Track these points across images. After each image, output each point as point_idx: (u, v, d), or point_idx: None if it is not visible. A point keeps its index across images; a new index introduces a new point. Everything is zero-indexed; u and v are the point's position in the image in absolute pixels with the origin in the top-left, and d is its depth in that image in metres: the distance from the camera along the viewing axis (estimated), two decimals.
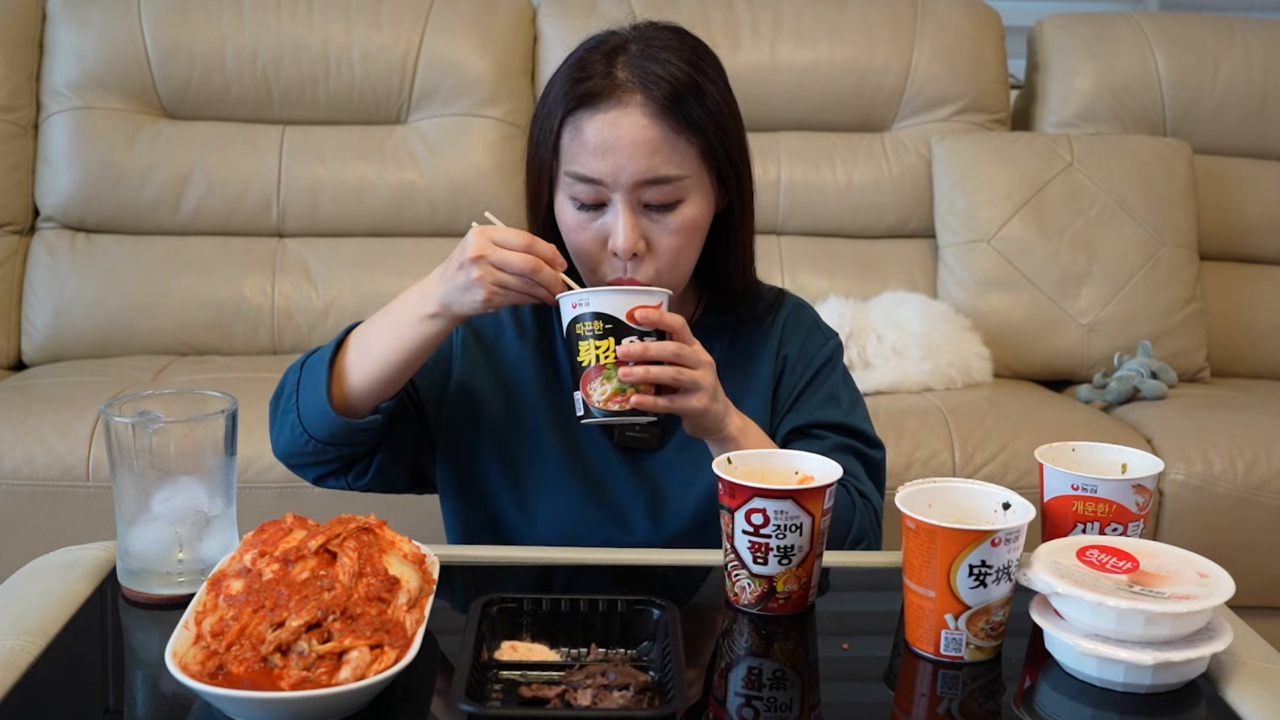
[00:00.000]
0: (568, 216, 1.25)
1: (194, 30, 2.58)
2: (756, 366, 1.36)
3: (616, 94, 1.20)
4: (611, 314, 1.12)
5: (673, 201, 1.22)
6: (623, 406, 1.12)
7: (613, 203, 1.22)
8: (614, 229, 1.21)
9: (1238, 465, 2.13)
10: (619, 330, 1.12)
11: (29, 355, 2.52)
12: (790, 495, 1.03)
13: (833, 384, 1.37)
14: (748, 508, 1.04)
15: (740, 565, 1.06)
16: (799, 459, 1.13)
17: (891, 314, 2.42)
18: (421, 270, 2.87)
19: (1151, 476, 1.11)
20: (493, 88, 2.66)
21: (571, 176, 1.22)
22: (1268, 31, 2.82)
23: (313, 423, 1.24)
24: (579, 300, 1.13)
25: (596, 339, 1.12)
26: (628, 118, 1.20)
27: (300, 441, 1.25)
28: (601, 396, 1.13)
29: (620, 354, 1.12)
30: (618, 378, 1.12)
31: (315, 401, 1.23)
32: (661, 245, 1.23)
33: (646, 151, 1.20)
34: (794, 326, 1.39)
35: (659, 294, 1.15)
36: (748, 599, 1.07)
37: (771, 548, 1.04)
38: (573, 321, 1.14)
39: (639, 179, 1.20)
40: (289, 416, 1.26)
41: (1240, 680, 0.96)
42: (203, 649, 0.88)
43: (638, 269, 1.23)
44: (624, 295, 1.13)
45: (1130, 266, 2.55)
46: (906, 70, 2.73)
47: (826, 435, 1.33)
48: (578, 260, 1.27)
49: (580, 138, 1.21)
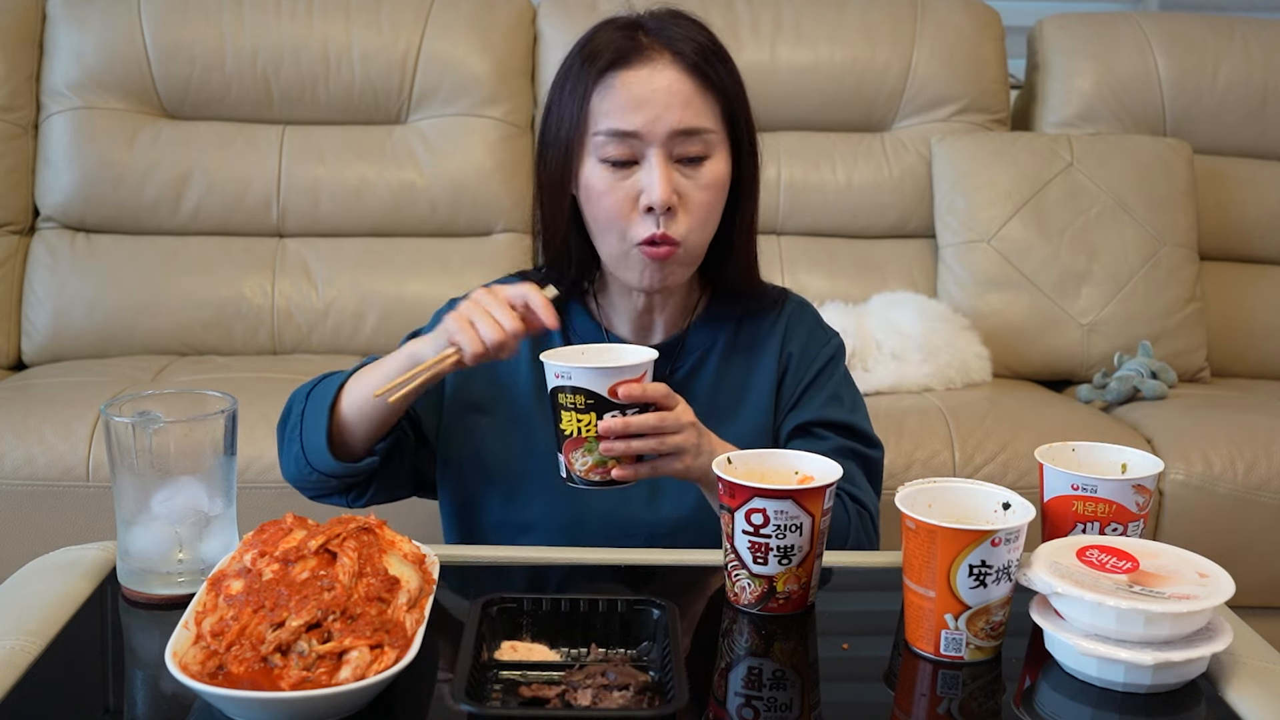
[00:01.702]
0: (596, 181, 1.26)
1: (194, 30, 2.58)
2: (760, 360, 1.37)
3: (645, 53, 1.25)
4: (593, 390, 1.12)
5: (702, 156, 1.25)
6: (604, 478, 1.14)
7: (646, 157, 1.24)
8: (648, 183, 1.23)
9: (1238, 465, 2.12)
10: (600, 405, 1.12)
11: (29, 355, 2.52)
12: (790, 495, 1.03)
13: (835, 383, 1.39)
14: (748, 508, 1.04)
15: (740, 565, 1.06)
16: (799, 459, 1.13)
17: (890, 315, 2.42)
18: (422, 270, 2.88)
19: (1151, 476, 1.11)
20: (493, 88, 2.66)
21: (604, 135, 1.24)
22: (1268, 31, 2.82)
23: (316, 460, 1.27)
24: (561, 372, 1.13)
25: (579, 412, 1.13)
26: (660, 72, 1.24)
27: (305, 473, 1.29)
28: (584, 467, 1.14)
29: (601, 430, 1.13)
30: (598, 451, 1.13)
31: (315, 442, 1.26)
32: (693, 200, 1.25)
33: (680, 103, 1.23)
34: (797, 324, 1.40)
35: (641, 365, 1.14)
36: (748, 599, 1.07)
37: (771, 548, 1.04)
38: (555, 389, 1.14)
39: (674, 129, 1.23)
40: (293, 447, 1.29)
41: (1240, 680, 0.96)
42: (203, 649, 0.88)
43: (670, 223, 1.24)
44: (606, 373, 1.12)
45: (1130, 266, 2.55)
46: (906, 70, 2.73)
47: (829, 436, 1.34)
48: (607, 226, 1.27)
49: (613, 95, 1.24)
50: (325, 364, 2.44)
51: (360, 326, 2.56)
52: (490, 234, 2.66)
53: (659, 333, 1.38)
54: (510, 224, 2.66)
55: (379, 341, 2.56)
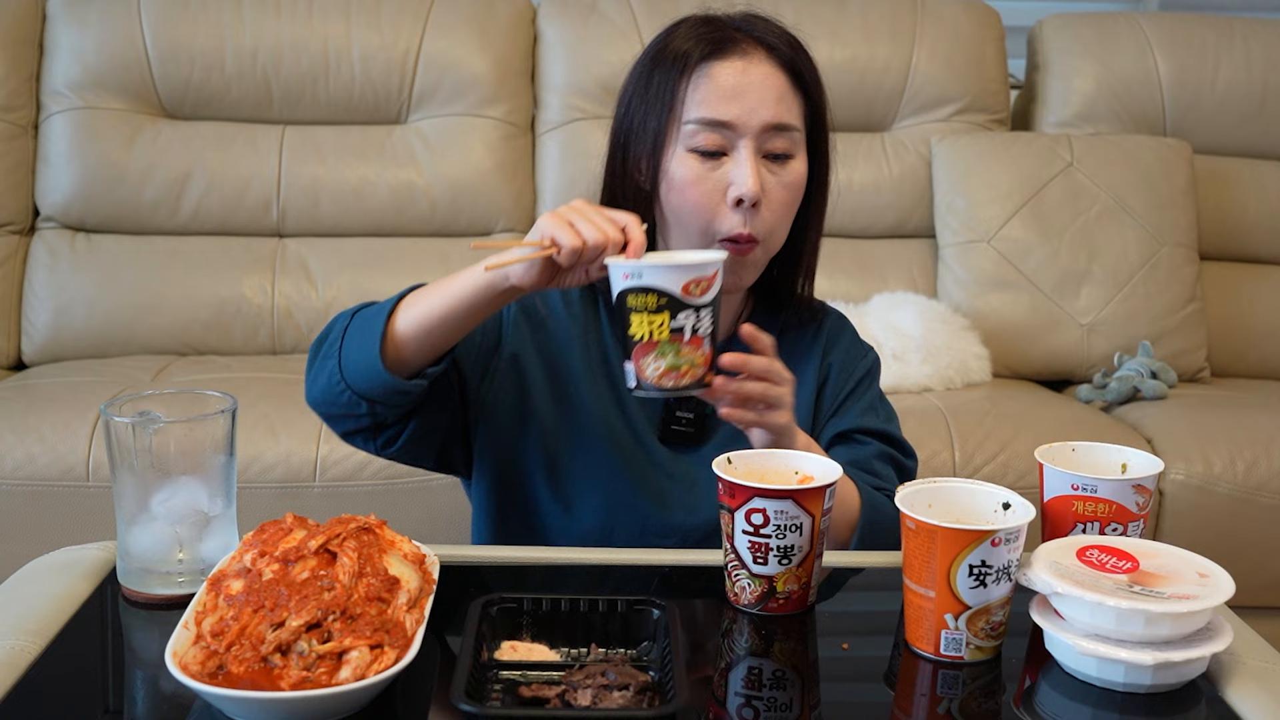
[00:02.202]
0: (685, 171, 1.25)
1: (194, 30, 2.58)
2: (803, 369, 1.37)
3: (740, 46, 1.25)
4: (666, 289, 1.05)
5: (789, 154, 1.26)
6: (675, 384, 1.07)
7: (738, 149, 1.23)
8: (737, 175, 1.23)
9: (1238, 465, 2.13)
10: (674, 305, 1.05)
11: (29, 355, 2.52)
12: (790, 495, 1.03)
13: (873, 394, 1.41)
14: (748, 508, 1.04)
15: (740, 565, 1.06)
16: (799, 459, 1.13)
17: (890, 316, 2.42)
18: (422, 270, 2.87)
19: (1151, 476, 1.11)
20: (493, 88, 2.66)
21: (697, 123, 1.24)
22: (1268, 31, 2.82)
23: (354, 374, 1.19)
24: (631, 271, 1.06)
25: (650, 313, 1.06)
26: (756, 65, 1.24)
27: (336, 390, 1.21)
28: (655, 373, 1.07)
29: (724, 363, 1.10)
30: (672, 354, 1.07)
31: (364, 353, 1.18)
32: (776, 197, 1.25)
33: (774, 97, 1.24)
34: (836, 336, 1.41)
35: (714, 263, 1.08)
36: (748, 599, 1.07)
37: (771, 548, 1.04)
38: (624, 292, 1.08)
39: (768, 123, 1.23)
40: (329, 363, 1.21)
41: (1240, 680, 0.96)
42: (203, 649, 0.88)
43: (754, 218, 1.24)
44: (679, 270, 1.06)
45: (1130, 266, 2.55)
46: (906, 70, 2.73)
47: (869, 441, 1.35)
48: (694, 216, 1.25)
49: (711, 83, 1.24)
50: None
51: None
52: (490, 234, 2.66)
53: None
54: (510, 224, 2.66)
55: None
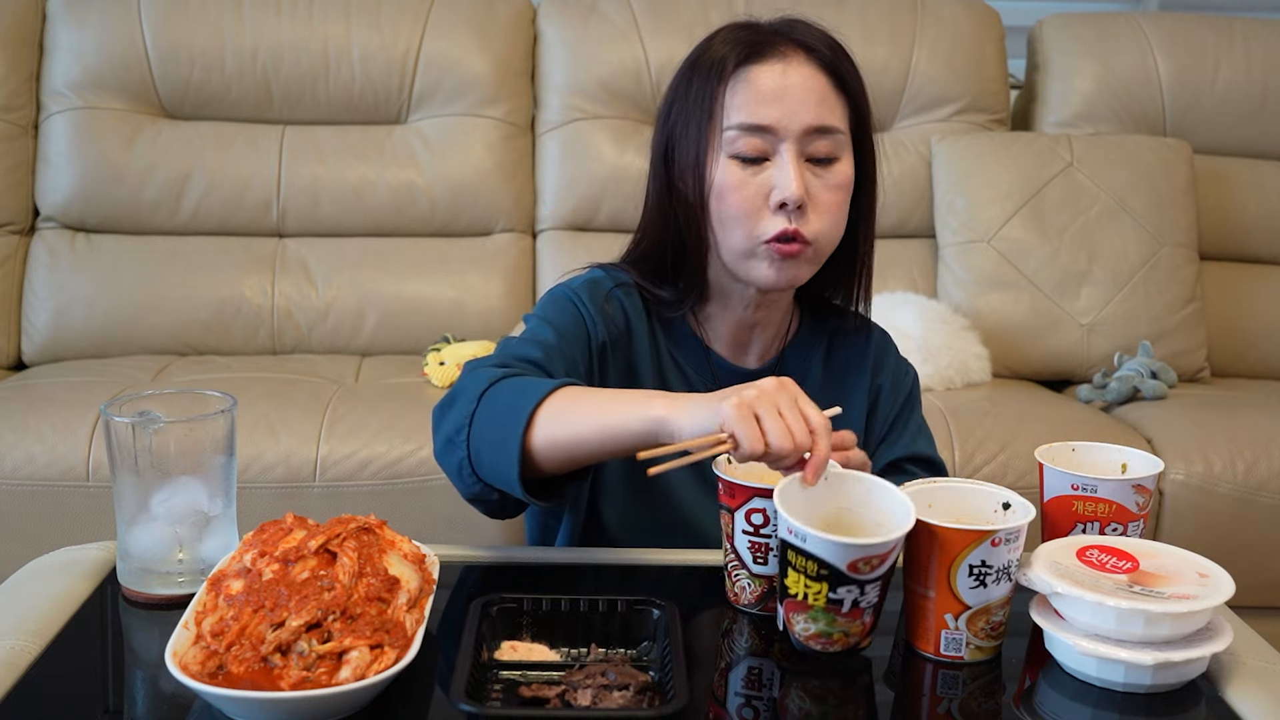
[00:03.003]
0: (728, 177, 1.23)
1: (194, 30, 2.58)
2: (852, 386, 1.37)
3: (779, 49, 1.24)
4: (830, 561, 0.96)
5: (832, 157, 1.24)
6: (826, 648, 0.99)
7: (779, 153, 1.22)
8: (780, 179, 1.21)
9: (1238, 465, 2.13)
10: (836, 578, 0.96)
11: (29, 355, 2.52)
12: None
13: (919, 416, 1.40)
14: (748, 508, 1.04)
15: (740, 565, 1.06)
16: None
17: (890, 316, 2.41)
18: (422, 270, 2.86)
19: (1151, 476, 1.11)
20: (493, 88, 2.66)
21: (738, 129, 1.22)
22: (1268, 31, 2.82)
23: (490, 474, 1.11)
24: (796, 531, 0.96)
25: (809, 579, 0.97)
26: (795, 68, 1.23)
27: (469, 481, 1.13)
28: (804, 633, 0.99)
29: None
30: (825, 622, 0.98)
31: (499, 462, 1.09)
32: (823, 200, 1.23)
33: (815, 99, 1.22)
34: (883, 354, 1.40)
35: (889, 543, 0.96)
36: (748, 599, 1.07)
37: (771, 548, 1.04)
38: (786, 544, 0.98)
39: (808, 126, 1.21)
40: (457, 453, 1.12)
41: (1240, 680, 0.96)
42: (203, 649, 0.88)
43: (801, 220, 1.22)
44: (848, 548, 0.95)
45: (1130, 266, 2.55)
46: (906, 70, 2.73)
47: (917, 473, 1.34)
48: (737, 222, 1.23)
49: (751, 87, 1.22)
50: (325, 364, 2.44)
51: (360, 326, 2.56)
52: (490, 234, 2.67)
53: (755, 355, 1.35)
54: (510, 224, 2.66)
55: (379, 341, 2.56)
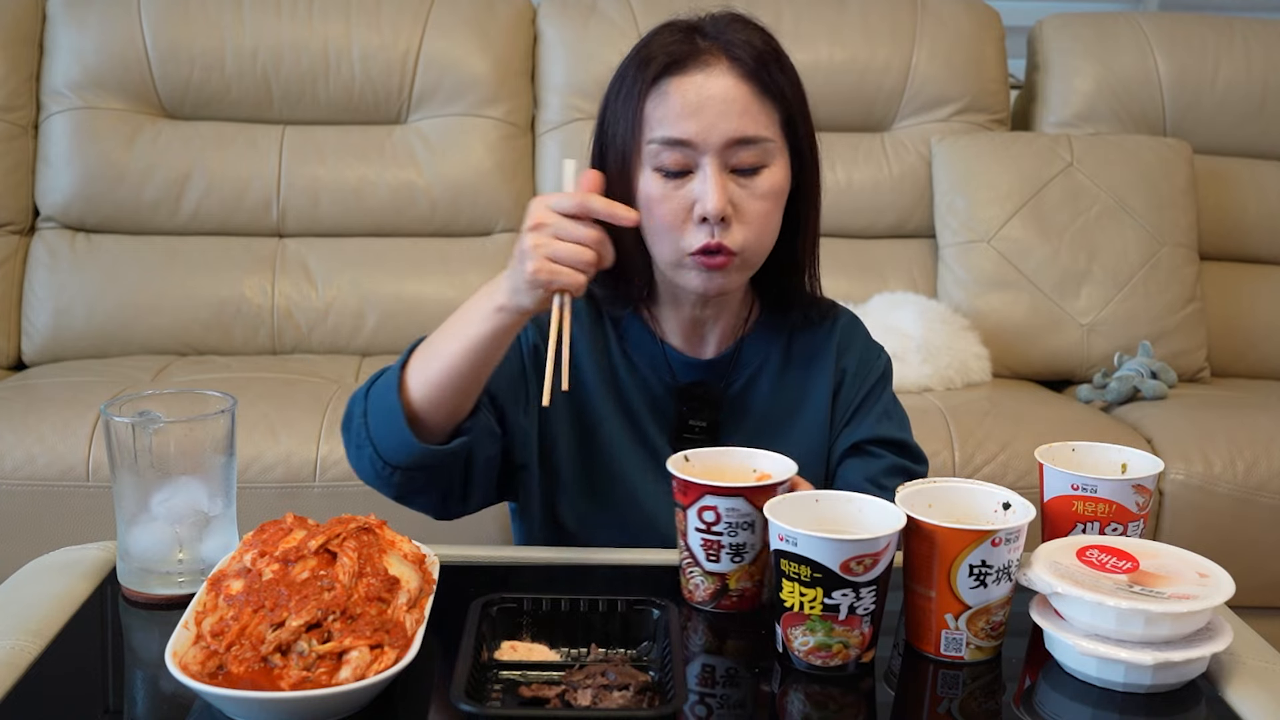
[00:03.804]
0: (652, 189, 1.22)
1: (194, 30, 2.58)
2: (816, 373, 1.35)
3: (701, 58, 1.21)
4: (822, 563, 0.94)
5: (758, 165, 1.22)
6: (826, 663, 0.97)
7: (700, 166, 1.20)
8: (702, 192, 1.20)
9: (1238, 465, 2.13)
10: (830, 581, 0.95)
11: (29, 355, 2.52)
12: (741, 493, 1.04)
13: (887, 399, 1.37)
14: (699, 505, 1.05)
15: (694, 563, 1.07)
16: (758, 457, 1.12)
17: (890, 316, 2.41)
18: (422, 270, 2.87)
19: (1151, 476, 1.11)
20: (493, 88, 2.66)
21: (658, 143, 1.21)
22: (1268, 31, 2.82)
23: (391, 451, 1.15)
24: (786, 535, 0.95)
25: (802, 585, 0.96)
26: (715, 79, 1.21)
27: (385, 474, 1.17)
28: (803, 647, 0.97)
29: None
30: (823, 632, 0.96)
31: (391, 428, 1.14)
32: (749, 210, 1.22)
33: (736, 111, 1.20)
34: (850, 339, 1.38)
35: (883, 539, 0.95)
36: (701, 596, 1.08)
37: (723, 545, 1.05)
38: (778, 552, 0.97)
39: (729, 138, 1.20)
40: (365, 451, 1.17)
41: (1240, 680, 0.96)
42: (203, 649, 0.88)
43: (725, 233, 1.21)
44: (840, 545, 0.94)
45: (1130, 266, 2.55)
46: (906, 70, 2.73)
47: (884, 454, 1.33)
48: (662, 234, 1.23)
49: (667, 102, 1.21)
50: (325, 364, 2.44)
51: (360, 326, 2.56)
52: (490, 234, 2.67)
53: (711, 346, 1.34)
54: (510, 224, 2.66)
55: (379, 341, 2.56)
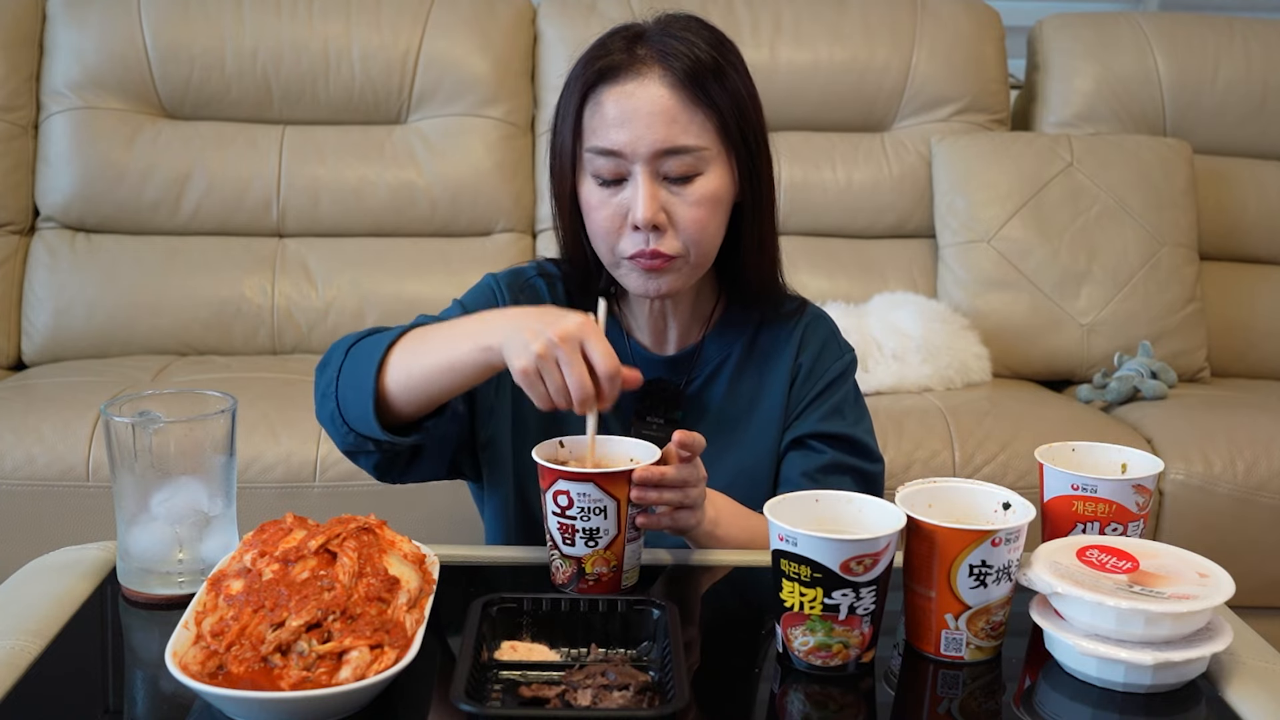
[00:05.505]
0: (591, 196, 1.24)
1: (194, 30, 2.58)
2: (774, 369, 1.36)
3: (635, 67, 1.22)
4: (822, 563, 0.95)
5: (691, 174, 1.23)
6: (826, 663, 0.97)
7: (632, 175, 1.22)
8: (633, 201, 1.21)
9: (1238, 465, 2.13)
10: (830, 581, 0.95)
11: (29, 355, 2.52)
12: (591, 479, 1.06)
13: (841, 398, 1.36)
14: (554, 489, 1.07)
15: (554, 546, 1.09)
16: (637, 447, 1.13)
17: (890, 316, 2.42)
18: (422, 270, 2.86)
19: (1151, 476, 1.11)
20: (493, 88, 2.66)
21: (592, 152, 1.23)
22: (1268, 31, 2.82)
23: (353, 419, 1.18)
24: (786, 535, 0.96)
25: (803, 585, 0.96)
26: (645, 89, 1.21)
27: (341, 430, 1.20)
28: (803, 647, 0.97)
29: (636, 478, 1.07)
30: (823, 632, 0.97)
31: (360, 405, 1.16)
32: (683, 217, 1.23)
33: (664, 121, 1.20)
34: (812, 335, 1.38)
35: (883, 539, 0.96)
36: (561, 579, 1.10)
37: (578, 529, 1.07)
38: (778, 552, 0.98)
39: (657, 148, 1.20)
40: (329, 404, 1.20)
41: (1240, 680, 0.96)
42: (203, 649, 0.88)
43: (659, 240, 1.22)
44: (840, 545, 0.94)
45: (1130, 266, 2.55)
46: (906, 70, 2.73)
47: (825, 450, 1.32)
48: (600, 239, 1.25)
49: (600, 112, 1.22)
50: None
51: (360, 326, 2.54)
52: (490, 234, 2.66)
53: (673, 342, 1.35)
54: (510, 224, 2.66)
55: None
